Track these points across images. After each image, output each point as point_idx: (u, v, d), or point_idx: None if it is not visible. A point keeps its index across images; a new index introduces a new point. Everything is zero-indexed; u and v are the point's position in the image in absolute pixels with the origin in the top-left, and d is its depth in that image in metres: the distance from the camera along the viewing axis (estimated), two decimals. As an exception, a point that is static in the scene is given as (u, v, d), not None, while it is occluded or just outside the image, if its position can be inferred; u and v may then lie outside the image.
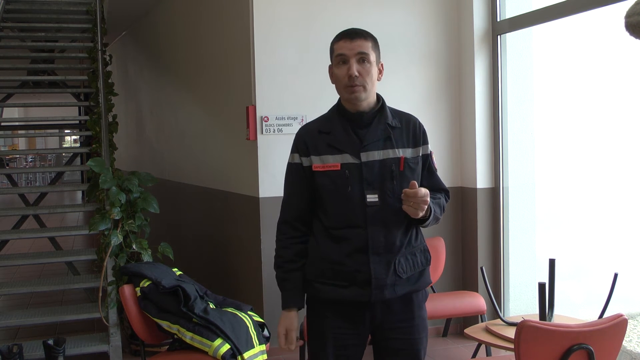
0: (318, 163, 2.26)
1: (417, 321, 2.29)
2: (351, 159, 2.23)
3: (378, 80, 2.29)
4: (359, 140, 2.24)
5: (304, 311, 2.37)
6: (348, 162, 2.23)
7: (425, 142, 2.33)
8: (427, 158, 2.33)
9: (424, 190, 2.10)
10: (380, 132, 2.26)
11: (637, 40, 2.54)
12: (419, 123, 2.35)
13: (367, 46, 2.25)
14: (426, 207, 2.11)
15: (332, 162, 2.24)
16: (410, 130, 2.31)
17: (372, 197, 2.21)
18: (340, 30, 2.30)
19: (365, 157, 2.22)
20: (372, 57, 2.25)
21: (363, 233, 2.18)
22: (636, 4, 2.49)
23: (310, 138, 2.31)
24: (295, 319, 2.30)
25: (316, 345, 2.34)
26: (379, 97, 2.34)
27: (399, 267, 2.22)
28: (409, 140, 2.29)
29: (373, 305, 2.24)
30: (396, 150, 2.24)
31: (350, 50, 2.23)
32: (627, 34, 2.53)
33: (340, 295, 2.23)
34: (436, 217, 2.25)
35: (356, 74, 2.21)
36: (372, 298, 2.20)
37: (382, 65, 2.31)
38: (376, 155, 2.23)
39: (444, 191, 2.38)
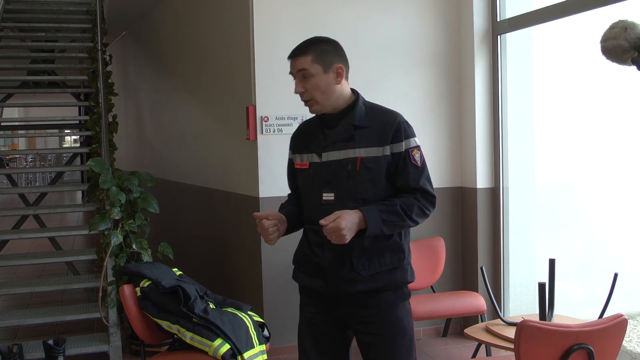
0: (297, 160, 2.45)
1: (388, 319, 2.33)
2: (316, 158, 2.36)
3: (338, 83, 2.34)
4: (324, 140, 2.36)
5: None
6: (313, 161, 2.37)
7: (397, 140, 2.29)
8: (401, 156, 2.29)
9: (331, 224, 2.13)
10: (342, 132, 2.33)
11: (614, 63, 2.60)
12: (397, 121, 2.32)
13: (307, 61, 2.33)
14: (344, 233, 2.12)
15: (305, 160, 2.41)
16: (380, 129, 2.31)
17: (328, 196, 2.32)
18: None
19: (325, 156, 2.33)
20: (315, 69, 2.31)
21: (320, 229, 2.20)
22: (611, 28, 2.55)
23: (298, 136, 2.51)
24: (278, 213, 2.43)
25: (299, 326, 2.52)
26: (354, 95, 2.40)
27: (357, 264, 2.28)
28: (374, 140, 2.30)
29: (337, 297, 2.35)
30: (356, 150, 2.29)
31: (294, 68, 2.39)
32: (603, 58, 2.60)
33: (307, 283, 2.45)
34: (392, 222, 2.24)
35: (301, 90, 2.36)
36: (328, 290, 2.34)
37: (339, 67, 2.34)
38: (335, 155, 2.32)
39: (419, 190, 2.31)
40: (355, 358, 2.46)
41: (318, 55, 2.34)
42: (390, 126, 2.31)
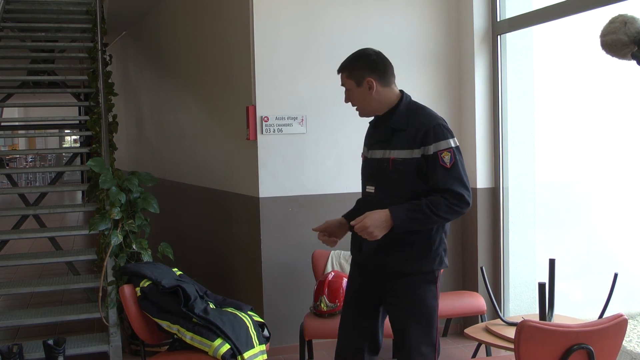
0: (363, 152, 2.89)
1: (412, 298, 2.68)
2: (367, 153, 2.81)
3: (371, 94, 2.70)
4: (372, 138, 2.79)
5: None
6: (365, 155, 2.83)
7: (426, 143, 2.57)
8: (429, 158, 2.57)
9: (360, 224, 2.53)
10: (382, 134, 2.71)
11: (613, 58, 2.59)
12: (428, 126, 2.59)
13: (343, 78, 2.75)
14: (373, 231, 2.51)
15: (364, 154, 2.86)
16: (413, 132, 2.61)
17: (370, 188, 2.75)
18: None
19: (371, 154, 2.76)
20: (350, 84, 2.73)
21: (360, 213, 2.63)
22: (610, 23, 2.54)
23: (367, 131, 2.91)
24: (335, 221, 2.87)
25: (346, 294, 2.96)
26: (400, 97, 2.74)
27: (388, 253, 2.66)
28: (406, 143, 2.61)
29: (374, 275, 2.75)
30: (391, 151, 2.65)
31: (341, 82, 2.79)
32: (603, 52, 2.59)
33: (353, 255, 2.88)
34: (418, 219, 2.55)
35: (346, 101, 2.80)
36: (363, 262, 2.79)
37: (369, 81, 2.69)
38: (377, 154, 2.72)
39: (447, 190, 2.56)
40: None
41: (351, 72, 2.72)
42: (421, 130, 2.59)
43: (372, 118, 2.85)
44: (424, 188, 2.59)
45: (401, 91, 2.76)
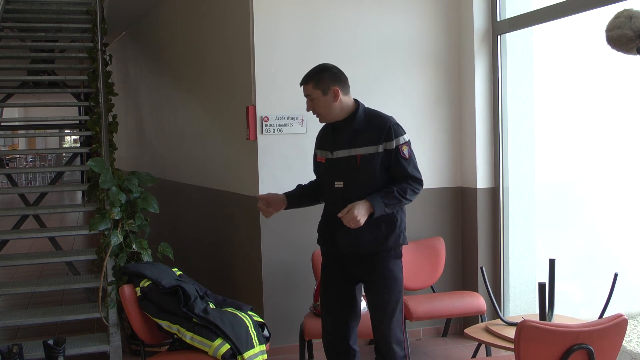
0: (318, 155, 3.28)
1: (383, 271, 3.11)
2: (329, 155, 3.16)
3: (335, 101, 3.08)
4: (334, 142, 3.15)
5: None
6: (328, 157, 3.17)
7: (389, 139, 3.03)
8: (391, 152, 3.03)
9: (347, 214, 2.91)
10: (347, 136, 3.11)
11: (619, 52, 2.57)
12: (388, 124, 3.06)
13: (309, 88, 3.11)
14: (359, 218, 2.90)
15: (322, 156, 3.22)
16: (375, 131, 3.05)
17: (338, 184, 3.13)
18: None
19: (336, 154, 3.13)
20: (316, 94, 3.09)
21: (334, 209, 3.07)
22: (615, 17, 2.52)
23: (319, 136, 3.34)
24: (279, 196, 3.33)
25: (321, 283, 3.36)
26: (355, 105, 3.13)
27: (358, 232, 3.02)
28: (370, 141, 3.04)
29: (346, 257, 3.16)
30: (357, 149, 3.06)
31: (304, 92, 3.15)
32: (608, 47, 2.57)
33: (325, 249, 3.30)
34: (392, 203, 3.01)
35: (309, 109, 3.16)
36: (340, 253, 3.17)
37: (335, 90, 3.07)
38: (342, 153, 3.10)
39: (409, 177, 3.06)
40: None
41: (317, 82, 3.08)
42: (382, 129, 3.05)
43: (322, 125, 3.28)
44: (387, 177, 3.06)
45: (355, 100, 3.17)
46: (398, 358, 3.15)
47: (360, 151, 3.05)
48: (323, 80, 3.07)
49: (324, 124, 3.25)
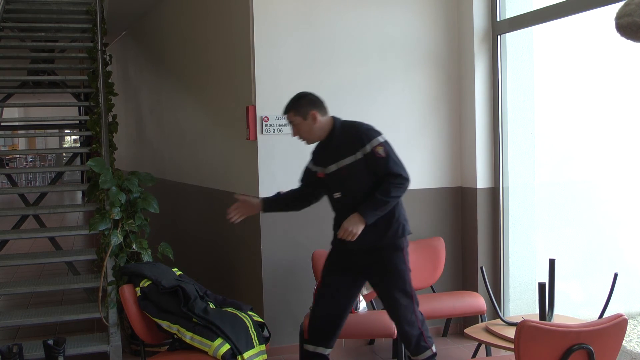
0: (316, 170, 3.53)
1: (386, 265, 3.39)
2: (325, 170, 3.44)
3: (315, 124, 3.37)
4: (324, 159, 3.45)
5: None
6: (325, 172, 3.44)
7: (362, 144, 3.28)
8: (368, 155, 3.27)
9: (345, 232, 3.25)
10: (331, 152, 3.40)
11: (628, 40, 2.54)
12: (360, 132, 3.32)
13: (290, 116, 3.43)
14: (355, 230, 3.23)
15: (321, 172, 3.49)
16: (350, 141, 3.32)
17: (337, 194, 3.42)
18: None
19: (328, 170, 3.41)
20: (297, 120, 3.40)
21: (340, 214, 3.42)
22: (626, 5, 2.48)
23: (313, 153, 3.61)
24: (255, 200, 3.68)
25: (323, 272, 3.62)
26: (332, 122, 3.41)
27: (363, 235, 3.28)
28: (347, 150, 3.32)
29: (353, 252, 3.41)
30: (340, 161, 3.34)
31: (287, 119, 3.48)
32: (618, 35, 2.52)
33: (338, 246, 3.51)
34: (380, 207, 3.24)
35: (294, 134, 3.48)
36: (347, 248, 3.41)
37: (313, 114, 3.37)
38: (332, 167, 3.39)
39: (389, 174, 3.25)
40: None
41: (297, 110, 3.40)
42: (355, 137, 3.32)
43: (315, 145, 3.53)
44: (374, 179, 3.28)
45: (332, 116, 3.43)
46: (412, 337, 3.40)
47: (344, 162, 3.32)
48: (301, 107, 3.38)
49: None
